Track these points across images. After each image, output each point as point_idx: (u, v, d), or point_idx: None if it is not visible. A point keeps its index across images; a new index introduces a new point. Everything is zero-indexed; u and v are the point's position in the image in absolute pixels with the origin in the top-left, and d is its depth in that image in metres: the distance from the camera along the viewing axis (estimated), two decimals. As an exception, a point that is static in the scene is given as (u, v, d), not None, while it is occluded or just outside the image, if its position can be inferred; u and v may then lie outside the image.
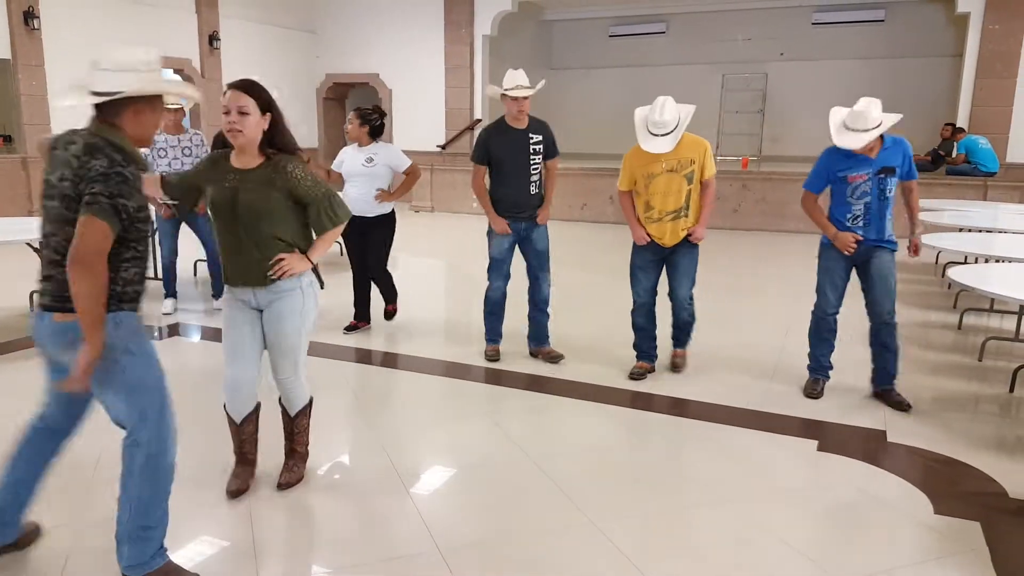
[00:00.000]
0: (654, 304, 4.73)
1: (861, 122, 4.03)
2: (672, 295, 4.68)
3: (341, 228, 3.04)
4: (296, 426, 3.32)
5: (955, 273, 4.69)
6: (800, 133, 15.41)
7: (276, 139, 2.96)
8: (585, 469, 3.54)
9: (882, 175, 4.16)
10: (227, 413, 3.20)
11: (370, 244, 5.51)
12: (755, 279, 7.83)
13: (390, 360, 5.16)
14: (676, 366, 4.84)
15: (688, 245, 4.54)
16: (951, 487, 3.44)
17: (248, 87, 2.89)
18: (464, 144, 14.71)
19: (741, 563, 2.79)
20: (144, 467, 2.45)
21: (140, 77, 2.38)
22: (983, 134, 11.65)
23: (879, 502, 3.26)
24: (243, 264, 2.99)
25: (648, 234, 4.51)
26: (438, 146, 14.59)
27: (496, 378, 4.77)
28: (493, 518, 3.10)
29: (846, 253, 4.25)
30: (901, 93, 12.68)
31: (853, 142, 4.05)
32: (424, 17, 14.61)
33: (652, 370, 4.78)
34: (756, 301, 6.93)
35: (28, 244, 5.96)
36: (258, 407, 3.24)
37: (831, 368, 4.53)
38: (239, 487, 3.19)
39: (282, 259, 2.96)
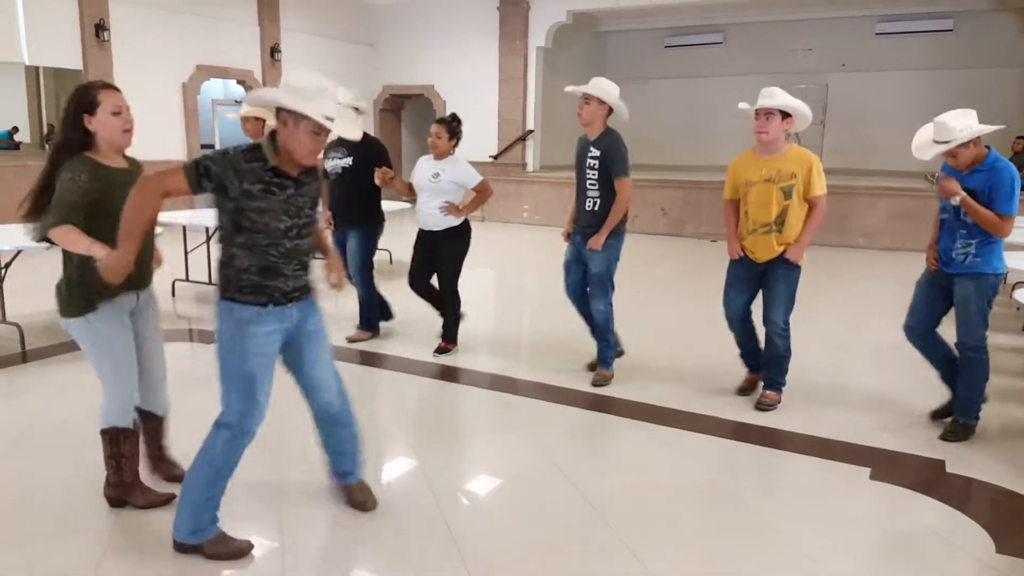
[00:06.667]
0: (745, 324, 4.51)
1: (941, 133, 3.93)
2: (764, 318, 4.36)
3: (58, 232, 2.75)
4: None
5: (1024, 295, 4.46)
6: (863, 145, 14.98)
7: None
8: (624, 490, 3.44)
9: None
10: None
11: (439, 259, 5.26)
12: (811, 295, 7.57)
13: (430, 370, 5.12)
14: (760, 406, 4.39)
15: (786, 265, 4.24)
16: (1015, 524, 3.23)
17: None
18: (516, 155, 14.71)
19: (784, 597, 2.66)
20: (226, 443, 2.69)
21: None
22: (1057, 148, 11.16)
23: (936, 537, 3.08)
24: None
25: (742, 248, 4.35)
26: (490, 156, 14.62)
27: (538, 393, 4.69)
28: (524, 536, 3.02)
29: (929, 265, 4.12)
30: (970, 105, 12.11)
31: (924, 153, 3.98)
32: (479, 29, 14.70)
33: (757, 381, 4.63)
34: (809, 318, 6.70)
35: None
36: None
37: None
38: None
39: None
